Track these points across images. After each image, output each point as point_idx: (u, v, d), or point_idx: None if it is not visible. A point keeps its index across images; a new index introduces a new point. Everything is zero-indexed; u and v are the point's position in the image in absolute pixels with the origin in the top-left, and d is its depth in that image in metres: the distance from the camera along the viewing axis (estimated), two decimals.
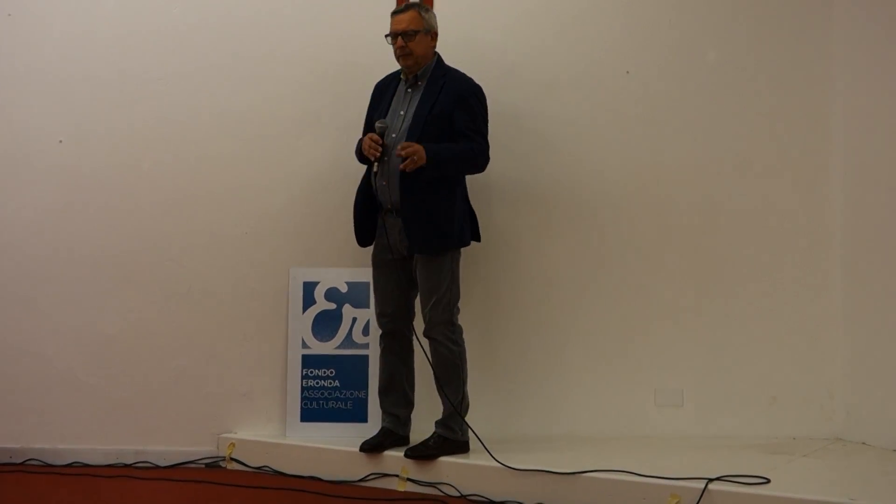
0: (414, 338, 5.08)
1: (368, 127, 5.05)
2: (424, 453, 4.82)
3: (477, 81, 5.07)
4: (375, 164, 4.84)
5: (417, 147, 4.72)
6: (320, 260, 5.49)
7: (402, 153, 4.70)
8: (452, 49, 5.22)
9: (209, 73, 5.58)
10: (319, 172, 5.46)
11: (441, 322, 4.96)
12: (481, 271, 5.48)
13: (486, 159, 4.98)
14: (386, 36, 4.97)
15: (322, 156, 5.39)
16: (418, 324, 5.07)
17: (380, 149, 4.82)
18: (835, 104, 5.49)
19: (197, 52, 5.58)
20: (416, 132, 4.87)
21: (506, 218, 5.52)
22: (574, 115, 5.54)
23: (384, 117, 4.95)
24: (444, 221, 4.93)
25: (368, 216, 5.03)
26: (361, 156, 4.97)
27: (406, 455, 4.82)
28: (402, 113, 4.94)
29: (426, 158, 4.72)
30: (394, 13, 5.00)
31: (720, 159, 5.54)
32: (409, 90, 5.01)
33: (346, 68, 5.34)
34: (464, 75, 5.06)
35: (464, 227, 5.05)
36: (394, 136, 4.89)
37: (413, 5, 5.06)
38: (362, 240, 5.08)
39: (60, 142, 5.56)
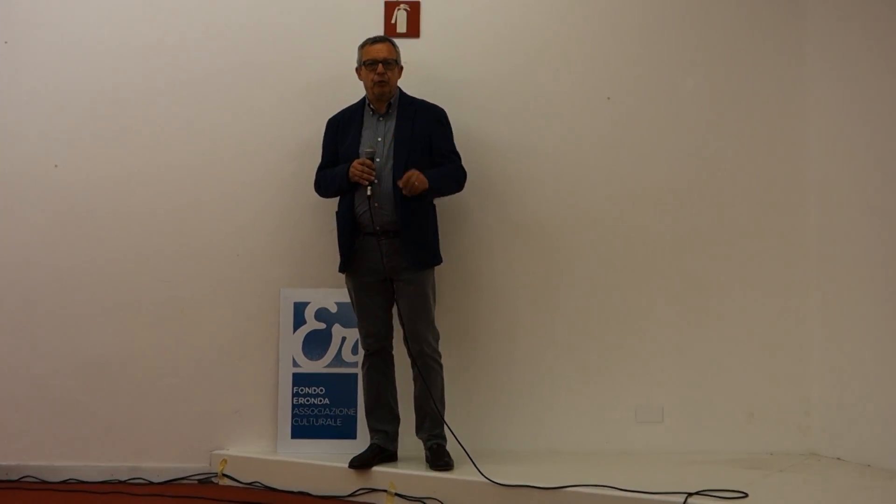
0: (394, 354, 5.16)
1: (332, 158, 5.15)
2: (446, 461, 4.88)
3: (462, 106, 5.26)
4: (369, 187, 4.88)
5: (420, 175, 4.85)
6: (310, 281, 5.50)
7: (408, 184, 4.84)
8: (438, 74, 5.33)
9: (203, 102, 5.60)
10: (308, 197, 5.42)
11: (431, 338, 5.04)
12: (469, 291, 5.52)
13: (466, 176, 5.16)
14: (364, 63, 5.04)
15: (310, 181, 5.34)
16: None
17: (373, 172, 4.88)
18: (809, 131, 5.52)
19: (190, 81, 5.60)
20: (402, 154, 4.96)
21: (490, 238, 5.55)
22: (556, 139, 5.58)
23: (359, 145, 5.03)
24: (432, 238, 5.09)
25: (353, 241, 5.04)
26: (346, 183, 4.97)
27: (434, 468, 4.85)
28: (380, 139, 5.01)
29: (427, 184, 4.87)
30: (370, 43, 5.08)
31: (699, 183, 5.57)
32: (381, 119, 5.08)
33: (335, 101, 5.31)
34: (427, 102, 5.19)
35: (438, 245, 5.17)
36: (378, 160, 4.95)
37: (385, 38, 5.16)
38: (344, 264, 5.08)
39: (56, 167, 5.56)
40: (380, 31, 5.44)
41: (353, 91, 5.25)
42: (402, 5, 5.56)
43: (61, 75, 5.60)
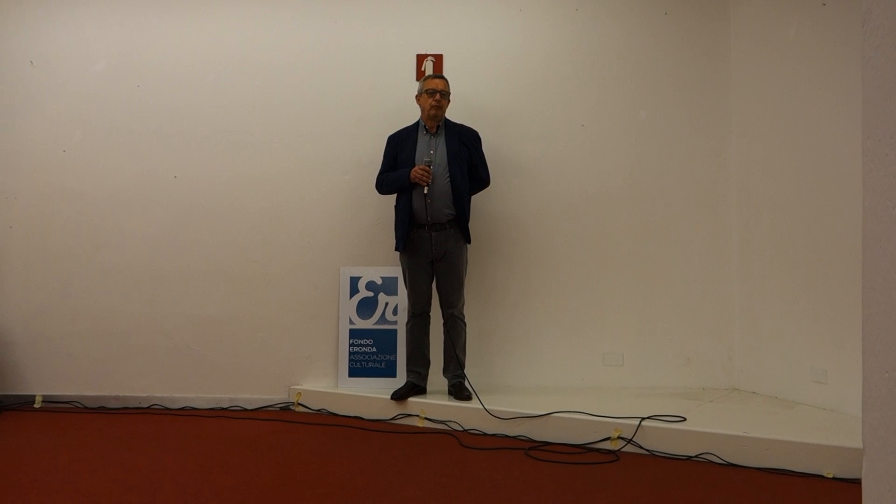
0: (431, 314, 5.14)
1: (391, 165, 5.12)
2: (467, 394, 4.88)
3: (474, 127, 5.23)
4: (427, 186, 4.89)
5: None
6: (362, 261, 5.50)
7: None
8: (458, 108, 5.28)
9: (285, 131, 5.59)
10: (360, 199, 5.47)
11: (462, 303, 5.06)
12: (486, 267, 5.50)
13: (489, 184, 5.22)
14: (426, 91, 5.03)
15: (361, 187, 5.40)
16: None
17: (430, 176, 4.90)
18: (731, 148, 5.52)
19: (276, 117, 5.59)
20: (454, 164, 4.98)
21: (499, 229, 5.53)
22: (544, 154, 5.56)
23: (415, 155, 5.00)
24: (467, 223, 5.07)
25: (409, 230, 5.01)
26: (407, 183, 4.94)
27: (458, 399, 4.87)
28: (432, 152, 4.99)
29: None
30: (432, 77, 5.09)
31: (649, 188, 5.56)
32: (432, 136, 5.06)
33: (380, 129, 5.30)
34: (465, 125, 5.18)
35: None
36: (431, 167, 4.95)
37: (443, 76, 5.14)
38: (403, 246, 5.03)
39: (175, 178, 5.59)
40: (413, 78, 5.47)
41: (393, 121, 5.27)
42: (429, 57, 5.55)
43: (179, 111, 5.61)
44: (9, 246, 5.60)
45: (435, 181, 4.94)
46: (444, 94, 5.04)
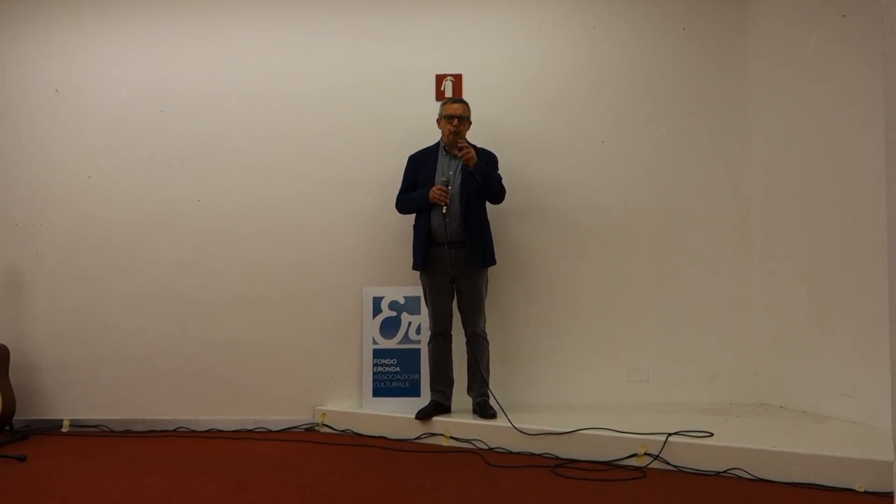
0: (452, 333, 5.12)
1: (411, 184, 5.12)
2: (491, 412, 4.86)
3: (495, 149, 5.20)
4: (445, 206, 4.90)
5: (475, 157, 4.89)
6: (385, 281, 5.50)
7: (464, 150, 4.87)
8: (477, 127, 5.25)
9: (306, 153, 5.62)
10: (382, 219, 5.48)
11: (483, 321, 5.04)
12: (508, 285, 5.48)
13: (503, 198, 5.10)
14: (444, 117, 5.05)
15: (383, 208, 5.40)
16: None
17: (448, 195, 4.92)
18: (753, 165, 5.50)
19: (297, 137, 5.63)
20: (467, 183, 4.97)
21: (520, 246, 5.52)
22: (564, 172, 5.56)
23: (434, 175, 5.01)
24: (489, 245, 5.05)
25: (427, 248, 5.03)
26: (426, 203, 4.97)
27: (483, 417, 4.85)
28: (451, 172, 5.01)
29: (476, 161, 4.90)
30: (451, 102, 5.10)
31: (670, 203, 5.55)
32: (452, 159, 5.07)
33: (399, 150, 5.31)
34: (486, 148, 5.15)
35: (493, 251, 5.12)
36: (450, 187, 4.97)
37: (462, 100, 5.15)
38: (421, 265, 5.06)
39: (198, 202, 5.63)
40: (433, 98, 5.49)
41: (413, 142, 5.28)
42: (448, 77, 5.57)
43: (201, 136, 5.67)
44: (36, 272, 5.66)
45: (452, 201, 4.96)
46: (463, 119, 5.05)
